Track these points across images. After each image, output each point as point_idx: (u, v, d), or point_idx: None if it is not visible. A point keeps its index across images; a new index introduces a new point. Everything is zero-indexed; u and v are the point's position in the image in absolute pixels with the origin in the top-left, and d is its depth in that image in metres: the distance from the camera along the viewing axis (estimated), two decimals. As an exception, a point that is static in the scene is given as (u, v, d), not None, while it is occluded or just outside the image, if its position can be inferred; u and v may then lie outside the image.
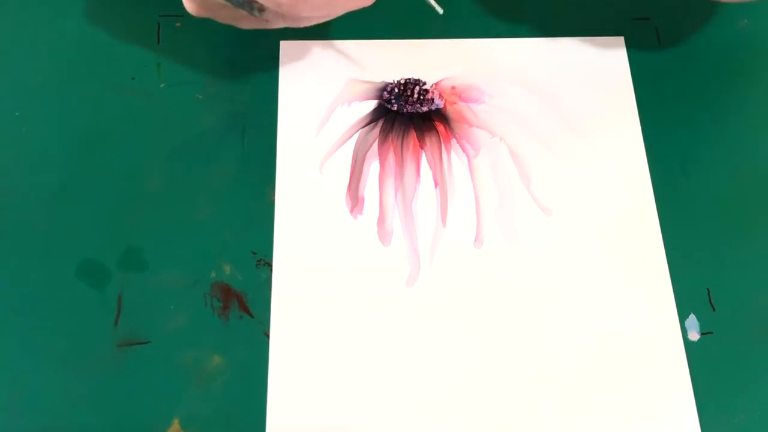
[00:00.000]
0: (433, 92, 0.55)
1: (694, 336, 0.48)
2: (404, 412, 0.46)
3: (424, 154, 0.53)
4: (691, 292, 0.50)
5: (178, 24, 0.56)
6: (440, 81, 0.55)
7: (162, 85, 0.53)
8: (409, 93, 0.54)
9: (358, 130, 0.53)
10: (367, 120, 0.54)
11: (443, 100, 0.55)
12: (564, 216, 0.51)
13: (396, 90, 0.55)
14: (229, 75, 0.55)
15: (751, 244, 0.51)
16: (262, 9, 0.46)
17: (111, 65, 0.54)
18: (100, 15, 0.56)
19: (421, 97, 0.54)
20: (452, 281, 0.49)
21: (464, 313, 0.48)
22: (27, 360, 0.46)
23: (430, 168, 0.52)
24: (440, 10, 0.47)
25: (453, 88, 0.55)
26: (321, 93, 0.54)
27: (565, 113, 0.55)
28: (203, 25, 0.56)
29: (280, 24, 0.49)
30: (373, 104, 0.54)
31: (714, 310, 0.49)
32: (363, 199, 0.51)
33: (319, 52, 0.56)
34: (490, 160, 0.53)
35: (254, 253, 0.50)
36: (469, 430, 0.45)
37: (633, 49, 0.57)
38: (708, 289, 0.50)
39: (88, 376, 0.46)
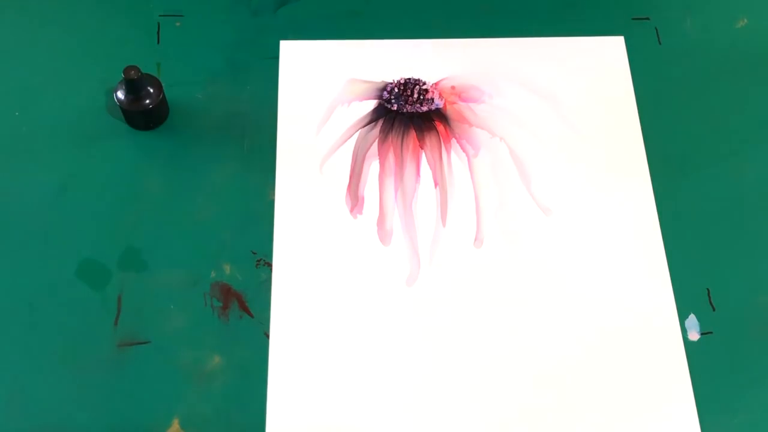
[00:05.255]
0: (432, 92, 0.55)
1: (694, 336, 0.48)
2: (404, 411, 0.46)
3: (424, 154, 0.53)
4: (691, 292, 0.50)
5: (178, 24, 0.56)
6: (440, 81, 0.55)
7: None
8: (409, 93, 0.54)
9: (358, 130, 0.53)
10: (367, 120, 0.54)
11: (443, 100, 0.55)
12: (564, 216, 0.51)
13: (396, 90, 0.55)
14: (229, 75, 0.55)
15: (751, 244, 0.51)
16: None
17: (111, 65, 0.54)
18: (101, 15, 0.56)
19: (421, 97, 0.54)
20: (452, 281, 0.49)
21: (464, 312, 0.48)
22: (27, 360, 0.46)
23: (430, 168, 0.52)
24: None
25: (453, 88, 0.55)
26: (321, 93, 0.54)
27: (565, 113, 0.55)
28: (203, 25, 0.56)
29: None
30: (373, 104, 0.54)
31: (714, 310, 0.49)
32: (363, 199, 0.51)
33: (319, 52, 0.56)
34: (490, 160, 0.53)
35: (254, 253, 0.50)
36: (469, 428, 0.45)
37: (633, 49, 0.57)
38: (708, 289, 0.50)
39: (88, 376, 0.46)
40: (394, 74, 0.55)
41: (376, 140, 0.53)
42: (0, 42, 0.55)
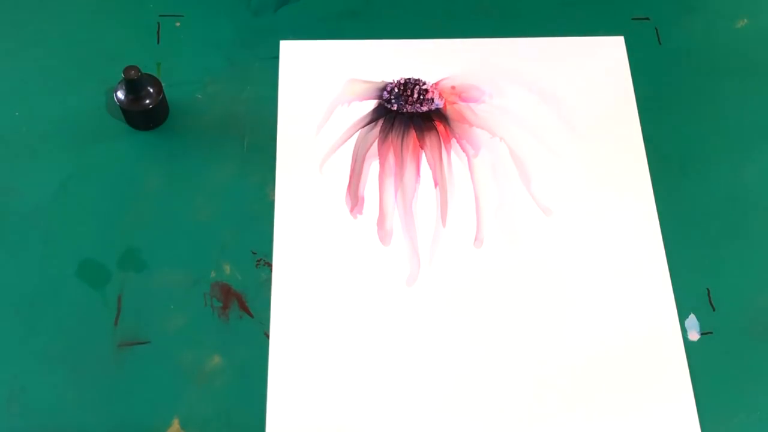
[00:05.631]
0: (432, 92, 0.55)
1: (694, 336, 0.48)
2: (404, 412, 0.46)
3: (424, 154, 0.53)
4: (691, 292, 0.49)
5: (178, 24, 0.56)
6: (440, 81, 0.55)
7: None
8: (408, 93, 0.54)
9: (358, 130, 0.53)
10: (367, 120, 0.54)
11: (443, 100, 0.55)
12: (564, 216, 0.51)
13: (396, 90, 0.55)
14: (229, 75, 0.55)
15: (751, 244, 0.51)
16: None
17: (111, 65, 0.54)
18: (101, 15, 0.56)
19: (421, 97, 0.54)
20: (452, 281, 0.49)
21: (464, 312, 0.48)
22: (28, 360, 0.46)
23: (430, 168, 0.52)
24: None
25: (453, 88, 0.55)
26: (321, 93, 0.54)
27: (565, 113, 0.55)
28: (203, 25, 0.56)
29: None
30: (373, 104, 0.54)
31: (714, 310, 0.49)
32: (363, 199, 0.51)
33: (319, 52, 0.56)
34: (490, 160, 0.53)
35: (254, 253, 0.50)
36: (469, 428, 0.45)
37: (633, 49, 0.57)
38: (708, 289, 0.50)
39: (88, 376, 0.46)
40: (394, 74, 0.55)
41: (376, 140, 0.53)
42: (0, 42, 0.55)
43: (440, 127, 0.54)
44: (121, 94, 0.51)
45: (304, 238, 0.50)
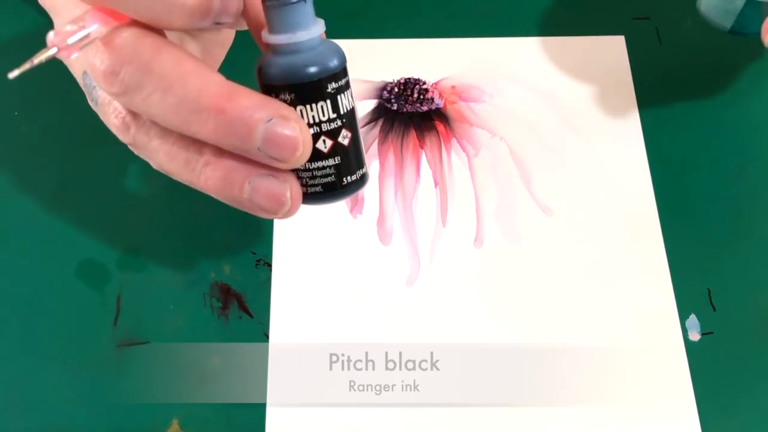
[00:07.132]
0: (432, 92, 0.55)
1: (694, 336, 0.48)
2: (404, 412, 0.45)
3: (424, 154, 0.53)
4: (691, 292, 0.49)
5: (178, 24, 0.56)
6: (440, 80, 0.55)
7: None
8: (408, 92, 0.54)
9: (358, 130, 0.53)
10: (367, 119, 0.54)
11: (443, 100, 0.55)
12: (564, 216, 0.51)
13: (396, 89, 0.55)
14: (229, 75, 0.55)
15: (751, 244, 0.51)
16: None
17: (111, 65, 0.54)
18: (100, 15, 0.56)
19: (421, 97, 0.54)
20: (452, 281, 0.49)
21: (464, 313, 0.48)
22: (27, 360, 0.46)
23: (430, 168, 0.52)
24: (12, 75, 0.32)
25: (453, 87, 0.55)
26: (321, 93, 0.54)
27: (565, 113, 0.55)
28: (203, 25, 0.56)
29: None
30: (372, 104, 0.54)
31: (715, 310, 0.49)
32: (363, 199, 0.51)
33: (319, 52, 0.56)
34: (491, 160, 0.53)
35: (254, 253, 0.49)
36: (469, 428, 0.45)
37: (633, 49, 0.57)
38: (708, 290, 0.50)
39: (88, 376, 0.46)
40: (394, 74, 0.55)
41: (376, 140, 0.53)
42: None
43: (440, 127, 0.54)
44: None
45: (303, 238, 0.50)
